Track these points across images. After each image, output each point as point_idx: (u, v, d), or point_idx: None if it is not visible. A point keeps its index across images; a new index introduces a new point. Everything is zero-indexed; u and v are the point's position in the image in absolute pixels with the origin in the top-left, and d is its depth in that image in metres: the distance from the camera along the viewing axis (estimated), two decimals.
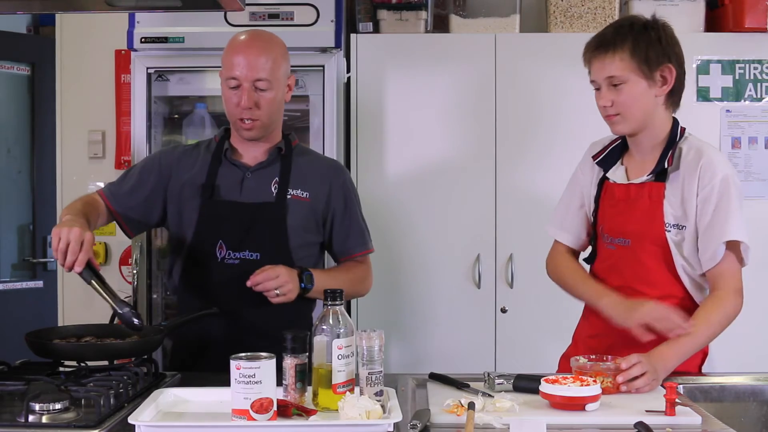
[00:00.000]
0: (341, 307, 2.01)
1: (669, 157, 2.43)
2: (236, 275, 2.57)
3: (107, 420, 1.88)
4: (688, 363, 2.43)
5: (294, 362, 1.97)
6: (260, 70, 2.59)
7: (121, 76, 4.23)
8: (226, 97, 2.64)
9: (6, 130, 4.93)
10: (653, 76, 2.41)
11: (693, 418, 1.93)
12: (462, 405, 1.95)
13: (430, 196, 3.76)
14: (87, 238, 2.31)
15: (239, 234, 2.62)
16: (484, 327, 3.74)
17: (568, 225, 2.68)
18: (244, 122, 2.62)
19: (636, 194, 2.47)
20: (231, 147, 2.72)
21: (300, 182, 2.69)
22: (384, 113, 3.77)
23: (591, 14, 3.77)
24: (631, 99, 2.42)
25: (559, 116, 3.71)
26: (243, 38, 2.65)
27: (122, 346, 2.33)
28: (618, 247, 2.50)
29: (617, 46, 2.40)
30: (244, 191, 2.67)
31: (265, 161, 2.70)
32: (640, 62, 2.39)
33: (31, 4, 2.77)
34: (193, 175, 2.69)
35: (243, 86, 2.59)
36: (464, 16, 3.85)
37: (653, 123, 2.46)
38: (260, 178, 2.68)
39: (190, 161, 2.73)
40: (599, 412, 1.97)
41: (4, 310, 4.43)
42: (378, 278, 3.73)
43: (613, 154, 2.57)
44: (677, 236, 2.41)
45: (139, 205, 2.71)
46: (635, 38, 2.40)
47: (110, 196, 2.71)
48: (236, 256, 2.62)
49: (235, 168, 2.69)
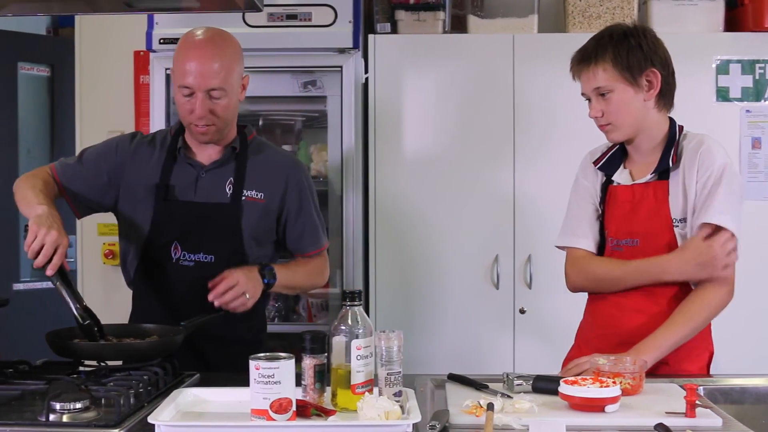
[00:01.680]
0: (360, 307, 2.01)
1: (672, 155, 2.45)
2: (191, 278, 2.60)
3: (127, 419, 1.88)
4: (694, 362, 2.45)
5: (313, 362, 1.97)
6: (213, 79, 2.53)
7: (140, 76, 4.24)
8: (179, 102, 2.59)
9: (26, 130, 4.97)
10: (638, 82, 2.44)
11: (713, 420, 1.91)
12: (481, 406, 1.95)
13: (449, 197, 3.76)
14: (63, 243, 2.34)
15: (194, 236, 2.61)
16: (503, 328, 3.74)
17: (585, 231, 2.63)
18: (198, 127, 2.59)
19: (641, 194, 2.49)
20: (185, 144, 2.70)
21: (255, 182, 2.68)
22: (402, 114, 3.77)
23: (609, 14, 3.75)
24: (619, 107, 2.46)
25: (578, 116, 3.66)
26: (194, 42, 2.58)
27: (142, 347, 2.34)
28: (626, 248, 2.50)
29: (599, 57, 2.45)
30: (198, 191, 2.65)
31: (219, 160, 2.68)
32: (623, 70, 2.43)
33: (50, 6, 2.79)
34: (148, 172, 2.67)
35: (197, 95, 2.54)
36: (482, 17, 3.84)
37: (647, 126, 2.49)
38: (215, 177, 2.67)
39: (145, 156, 2.70)
40: (619, 413, 1.96)
41: (25, 310, 4.46)
42: (396, 278, 3.75)
43: (614, 159, 2.59)
44: (684, 229, 2.43)
45: (91, 190, 2.69)
46: (615, 47, 2.44)
47: (62, 176, 2.68)
48: (191, 258, 2.62)
49: (189, 167, 2.68)
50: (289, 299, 3.91)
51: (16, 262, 4.86)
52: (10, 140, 4.77)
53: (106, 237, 4.24)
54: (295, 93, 3.80)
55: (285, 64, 3.73)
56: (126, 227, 2.73)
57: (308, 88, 3.78)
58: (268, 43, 3.65)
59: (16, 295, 4.64)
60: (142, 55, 4.18)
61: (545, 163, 3.71)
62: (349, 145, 3.66)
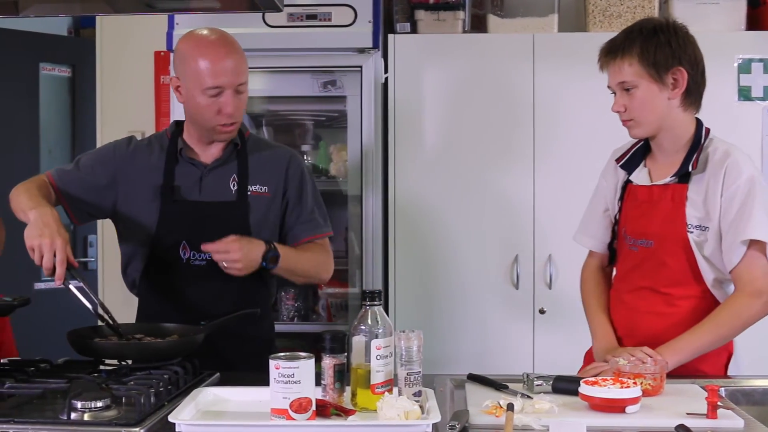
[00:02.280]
0: (380, 307, 2.01)
1: (694, 160, 2.43)
2: (205, 276, 2.60)
3: (148, 418, 1.89)
4: (712, 363, 2.44)
5: (333, 362, 1.97)
6: (242, 74, 2.57)
7: (160, 77, 4.26)
8: (203, 105, 2.56)
9: (47, 131, 5.00)
10: (664, 79, 2.41)
11: (735, 421, 1.90)
12: (501, 406, 1.95)
13: (468, 197, 3.75)
14: (59, 246, 2.32)
15: (203, 234, 2.59)
16: (523, 328, 3.73)
17: (593, 230, 2.70)
18: (226, 126, 2.59)
19: (659, 196, 2.47)
20: (185, 145, 2.70)
21: (258, 177, 2.68)
22: (421, 113, 3.77)
23: (630, 13, 3.74)
24: (642, 103, 2.43)
25: (598, 116, 3.66)
26: (213, 41, 2.57)
27: (162, 346, 2.35)
28: (641, 248, 2.50)
29: (626, 51, 2.42)
30: (203, 190, 2.65)
31: (221, 158, 2.68)
32: (648, 66, 2.40)
33: (71, 7, 2.80)
34: (149, 174, 2.67)
35: (226, 93, 2.54)
36: (502, 16, 3.83)
37: (671, 125, 2.46)
38: (218, 176, 2.67)
39: (144, 158, 2.70)
40: (639, 414, 1.95)
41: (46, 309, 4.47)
42: (415, 278, 3.75)
43: (635, 157, 2.57)
44: (699, 237, 2.41)
45: (89, 194, 2.68)
46: (644, 42, 2.41)
47: (59, 181, 2.67)
48: (202, 257, 2.61)
49: (191, 167, 2.67)
50: (309, 299, 3.91)
51: None
52: (32, 140, 4.80)
53: None
54: (314, 93, 3.80)
55: (305, 64, 3.73)
56: (127, 231, 2.72)
57: (328, 88, 3.79)
58: (288, 43, 3.66)
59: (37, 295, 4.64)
60: (163, 55, 4.20)
61: (565, 162, 3.70)
62: (369, 145, 3.66)
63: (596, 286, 2.69)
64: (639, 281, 2.52)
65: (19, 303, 2.34)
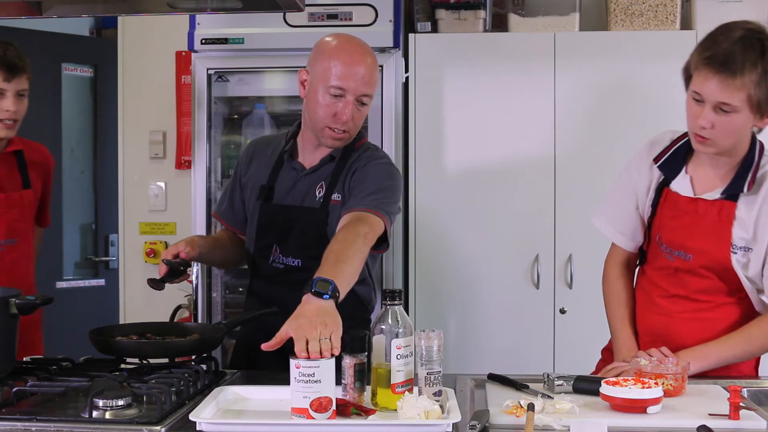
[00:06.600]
0: (400, 306, 2.01)
1: (749, 181, 2.30)
2: (280, 280, 2.60)
3: (169, 417, 1.90)
4: (742, 363, 2.40)
5: (353, 362, 1.97)
6: (369, 86, 2.53)
7: (182, 77, 4.27)
8: (322, 102, 2.53)
9: (69, 131, 5.03)
10: (764, 112, 2.23)
11: (758, 422, 1.89)
12: (521, 406, 1.94)
13: (489, 196, 3.75)
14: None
15: (290, 239, 2.60)
16: (543, 328, 3.72)
17: (624, 227, 2.56)
18: (334, 131, 2.55)
19: (705, 211, 2.35)
20: (294, 147, 2.69)
21: (342, 185, 2.60)
22: (442, 113, 3.76)
23: (652, 12, 3.72)
24: (734, 130, 2.24)
25: (620, 115, 3.67)
26: (356, 47, 2.55)
27: (183, 344, 2.35)
28: (678, 259, 2.40)
29: (745, 72, 2.16)
30: (295, 194, 2.64)
31: (317, 164, 2.64)
32: (760, 97, 2.18)
33: (94, 7, 2.81)
34: (260, 173, 2.70)
35: (347, 98, 2.51)
36: (523, 15, 3.82)
37: (737, 144, 2.31)
38: (310, 181, 2.64)
39: (261, 156, 2.74)
40: (661, 414, 1.95)
41: (68, 307, 4.51)
42: (435, 277, 3.74)
43: (676, 159, 2.42)
44: (743, 258, 2.32)
45: (243, 209, 2.76)
46: (765, 69, 2.17)
47: (227, 221, 2.81)
48: (282, 261, 2.61)
49: (292, 170, 2.67)
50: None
51: (59, 260, 4.91)
52: (54, 140, 4.82)
53: (148, 236, 4.28)
54: None
55: None
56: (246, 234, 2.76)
57: None
58: (309, 42, 3.60)
59: (59, 293, 4.68)
60: (184, 55, 4.21)
61: (586, 161, 3.68)
62: (390, 143, 3.65)
63: (623, 290, 2.56)
64: (674, 289, 2.43)
65: (42, 302, 2.35)
